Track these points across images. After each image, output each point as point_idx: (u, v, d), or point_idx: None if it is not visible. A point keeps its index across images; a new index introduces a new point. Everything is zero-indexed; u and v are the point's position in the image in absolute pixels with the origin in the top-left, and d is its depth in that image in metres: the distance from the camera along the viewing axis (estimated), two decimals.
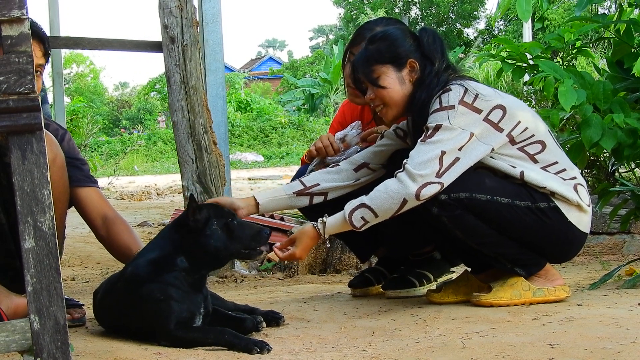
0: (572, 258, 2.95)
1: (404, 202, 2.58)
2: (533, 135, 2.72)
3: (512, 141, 2.69)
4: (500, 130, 2.66)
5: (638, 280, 3.14)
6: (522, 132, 2.70)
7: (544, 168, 2.72)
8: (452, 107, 2.62)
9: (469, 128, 2.61)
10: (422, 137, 2.63)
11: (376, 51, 2.82)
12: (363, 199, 2.63)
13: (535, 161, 2.71)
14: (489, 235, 2.69)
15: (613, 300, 2.77)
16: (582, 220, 2.75)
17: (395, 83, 2.79)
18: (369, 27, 3.17)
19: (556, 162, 2.75)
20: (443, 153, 2.57)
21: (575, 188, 2.72)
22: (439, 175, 2.57)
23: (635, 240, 4.77)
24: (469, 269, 2.98)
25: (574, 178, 2.75)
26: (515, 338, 2.22)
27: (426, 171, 2.56)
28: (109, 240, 2.84)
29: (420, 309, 2.81)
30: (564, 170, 2.75)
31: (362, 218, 2.63)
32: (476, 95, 2.65)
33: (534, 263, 2.77)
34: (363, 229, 2.65)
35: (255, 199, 2.88)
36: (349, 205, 2.65)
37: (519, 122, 2.69)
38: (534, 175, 2.68)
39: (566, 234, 2.74)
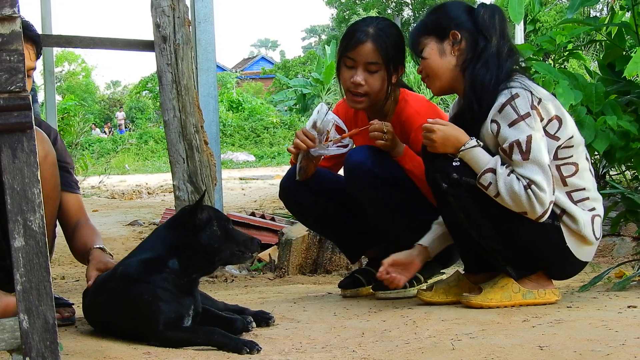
0: (563, 280, 2.94)
1: (525, 213, 2.61)
2: (572, 156, 2.71)
3: (555, 156, 2.68)
4: (557, 139, 2.67)
5: (627, 283, 3.15)
6: (567, 148, 2.69)
7: (569, 193, 2.70)
8: (528, 114, 2.60)
9: (541, 132, 2.63)
10: (516, 155, 2.59)
11: (422, 23, 2.87)
12: (500, 179, 2.59)
13: (565, 184, 2.69)
14: (488, 229, 2.71)
15: (602, 303, 2.78)
16: (582, 251, 2.73)
17: (435, 54, 2.78)
18: (359, 29, 3.07)
19: (583, 189, 2.72)
20: (544, 169, 2.59)
21: (592, 220, 2.71)
22: (552, 192, 2.61)
23: (625, 243, 4.79)
24: (462, 271, 2.99)
25: (593, 209, 2.72)
26: (505, 340, 2.23)
27: (549, 197, 2.59)
28: (72, 241, 2.87)
29: (411, 310, 2.81)
30: (587, 199, 2.72)
31: (489, 185, 2.62)
32: (539, 100, 2.66)
33: (527, 266, 2.77)
34: (483, 188, 2.64)
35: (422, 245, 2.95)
36: (495, 163, 2.62)
37: (570, 137, 2.70)
38: (557, 194, 2.67)
39: (559, 256, 2.73)
